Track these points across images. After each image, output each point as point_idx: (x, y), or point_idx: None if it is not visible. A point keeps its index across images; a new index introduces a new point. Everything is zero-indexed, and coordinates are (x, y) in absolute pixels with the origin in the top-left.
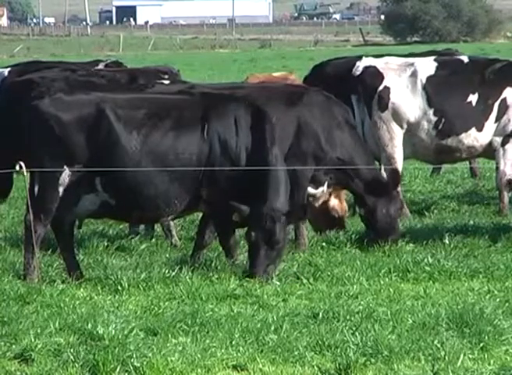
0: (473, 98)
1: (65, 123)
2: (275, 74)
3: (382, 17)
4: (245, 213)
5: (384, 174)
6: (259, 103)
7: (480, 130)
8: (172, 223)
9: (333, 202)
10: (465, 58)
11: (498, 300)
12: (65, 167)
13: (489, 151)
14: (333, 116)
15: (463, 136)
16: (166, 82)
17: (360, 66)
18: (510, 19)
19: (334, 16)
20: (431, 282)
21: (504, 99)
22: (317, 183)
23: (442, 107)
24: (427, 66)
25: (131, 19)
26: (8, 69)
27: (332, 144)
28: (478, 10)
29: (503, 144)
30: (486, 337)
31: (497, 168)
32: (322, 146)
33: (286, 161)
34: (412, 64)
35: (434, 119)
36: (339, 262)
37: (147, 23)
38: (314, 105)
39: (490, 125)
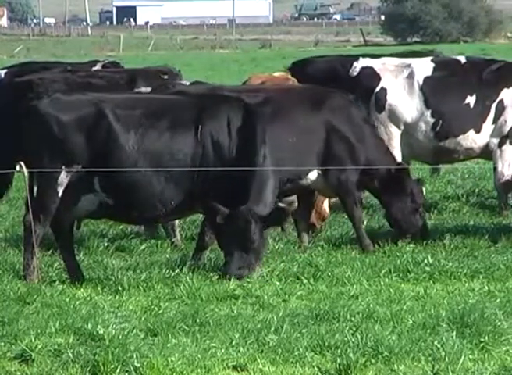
0: (471, 100)
1: (63, 123)
2: (276, 74)
3: (383, 17)
4: (224, 215)
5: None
6: (284, 105)
7: (478, 131)
8: (176, 222)
9: None
10: (462, 59)
11: (498, 300)
12: (63, 168)
13: (487, 153)
14: (355, 116)
15: (461, 138)
16: (187, 83)
17: (357, 66)
18: (511, 20)
19: (334, 16)
20: (431, 282)
21: (501, 100)
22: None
23: (440, 108)
24: (424, 67)
25: (131, 20)
26: (5, 70)
27: (357, 145)
28: (478, 10)
29: (500, 145)
30: (486, 338)
31: (495, 169)
32: (350, 147)
33: (317, 163)
34: (409, 65)
35: (431, 120)
36: (339, 263)
37: (147, 23)
38: (337, 107)
39: (487, 126)
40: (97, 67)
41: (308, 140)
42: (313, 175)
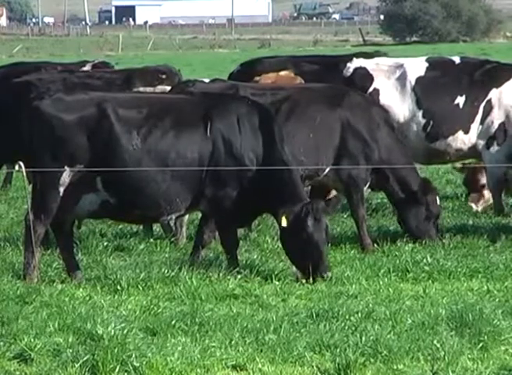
0: (460, 100)
1: (66, 123)
2: (281, 73)
3: (382, 17)
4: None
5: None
6: (302, 104)
7: (466, 132)
8: (185, 219)
9: None
10: (457, 60)
11: (497, 300)
12: (66, 167)
13: (476, 154)
14: (374, 116)
15: (450, 138)
16: (206, 80)
17: (350, 67)
18: (510, 19)
19: (333, 15)
20: (430, 282)
21: (489, 100)
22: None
23: (431, 109)
24: (416, 67)
25: (130, 19)
26: None
27: (374, 145)
28: (477, 10)
29: (488, 146)
30: (486, 337)
31: (485, 170)
32: (368, 145)
33: (334, 160)
34: (401, 65)
35: (423, 121)
36: (338, 262)
37: (146, 22)
38: (356, 106)
39: (475, 127)
40: (87, 67)
41: (325, 137)
42: (326, 169)
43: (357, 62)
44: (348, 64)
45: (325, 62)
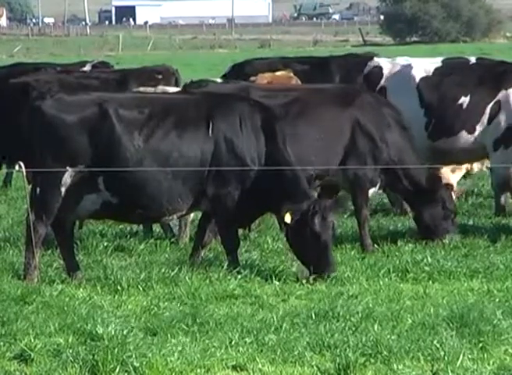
0: (464, 101)
1: (68, 123)
2: (278, 73)
3: (382, 17)
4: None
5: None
6: (313, 104)
7: (471, 132)
8: (189, 219)
9: None
10: (472, 60)
11: (497, 300)
12: (67, 168)
13: (484, 154)
14: (384, 116)
15: (453, 138)
16: (219, 80)
17: (369, 65)
18: (510, 19)
19: (333, 16)
20: (430, 282)
21: (498, 101)
22: (369, 184)
23: (434, 109)
24: (424, 68)
25: (130, 19)
26: None
27: (385, 144)
28: (477, 10)
29: (495, 147)
30: (486, 337)
31: (491, 170)
32: (377, 146)
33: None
34: (410, 65)
35: (424, 120)
36: (338, 262)
37: (146, 23)
38: (366, 106)
39: (481, 127)
40: (87, 68)
41: (335, 137)
42: (335, 169)
43: (376, 61)
44: (368, 62)
45: (315, 63)
